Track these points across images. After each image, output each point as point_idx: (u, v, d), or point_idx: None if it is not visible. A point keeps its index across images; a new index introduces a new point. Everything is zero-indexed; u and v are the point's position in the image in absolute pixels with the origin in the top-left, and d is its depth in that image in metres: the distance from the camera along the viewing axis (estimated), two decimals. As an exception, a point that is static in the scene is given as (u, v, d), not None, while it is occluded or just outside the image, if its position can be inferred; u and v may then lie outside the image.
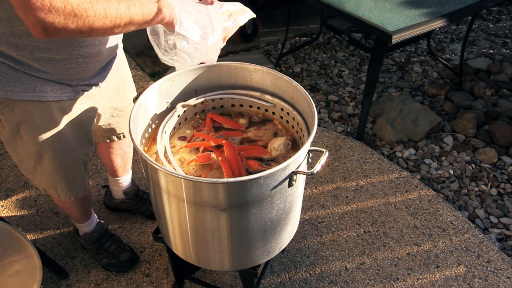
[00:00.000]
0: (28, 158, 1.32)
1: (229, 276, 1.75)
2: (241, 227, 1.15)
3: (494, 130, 2.44)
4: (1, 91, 1.14)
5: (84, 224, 1.70)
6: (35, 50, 1.09)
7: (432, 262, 1.82)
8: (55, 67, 1.16)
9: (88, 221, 1.70)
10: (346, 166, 2.27)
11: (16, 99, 1.16)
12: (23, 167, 1.37)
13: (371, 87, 2.25)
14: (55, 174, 1.37)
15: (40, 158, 1.31)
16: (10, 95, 1.15)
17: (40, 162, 1.32)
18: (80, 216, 1.66)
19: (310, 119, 1.19)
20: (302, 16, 3.74)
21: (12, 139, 1.27)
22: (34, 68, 1.14)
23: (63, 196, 1.45)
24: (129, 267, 1.74)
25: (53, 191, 1.44)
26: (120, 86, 1.48)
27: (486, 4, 2.25)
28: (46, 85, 1.18)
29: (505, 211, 2.10)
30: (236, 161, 1.24)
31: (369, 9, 2.09)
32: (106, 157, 1.72)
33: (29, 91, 1.16)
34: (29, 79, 1.15)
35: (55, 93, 1.21)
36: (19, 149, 1.30)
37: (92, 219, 1.72)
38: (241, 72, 1.39)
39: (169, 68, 1.28)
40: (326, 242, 1.89)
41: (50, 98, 1.20)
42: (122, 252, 1.75)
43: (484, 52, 3.32)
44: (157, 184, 1.12)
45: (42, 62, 1.13)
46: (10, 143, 1.29)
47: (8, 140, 1.28)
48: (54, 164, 1.34)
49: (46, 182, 1.41)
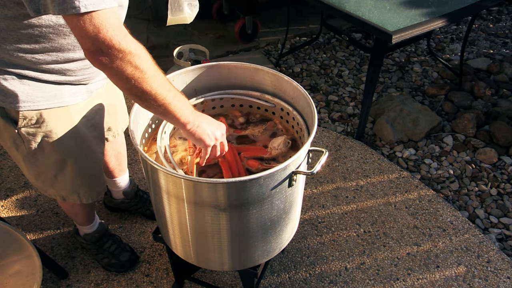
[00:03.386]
0: (48, 169, 1.29)
1: (229, 276, 1.75)
2: (241, 227, 1.15)
3: (494, 130, 2.44)
4: (24, 103, 1.11)
5: (87, 227, 1.70)
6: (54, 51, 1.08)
7: (432, 262, 1.82)
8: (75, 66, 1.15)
9: (91, 223, 1.70)
10: (346, 166, 2.27)
11: (40, 109, 1.14)
12: (40, 179, 1.33)
13: (371, 87, 2.25)
14: (79, 179, 1.36)
15: (63, 165, 1.29)
16: (33, 105, 1.13)
17: (62, 170, 1.30)
18: (86, 220, 1.66)
19: (310, 119, 1.19)
20: (302, 16, 3.74)
21: (33, 153, 1.23)
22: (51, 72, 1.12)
23: (86, 198, 1.43)
24: (129, 267, 1.74)
25: (75, 196, 1.41)
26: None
27: (486, 4, 2.25)
28: (63, 90, 1.17)
29: (505, 211, 2.10)
30: (235, 162, 1.24)
31: (369, 9, 2.09)
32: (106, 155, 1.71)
33: (50, 98, 1.15)
34: (47, 87, 1.14)
35: (72, 96, 1.20)
36: (39, 162, 1.26)
37: (95, 222, 1.72)
38: (241, 72, 1.39)
39: (169, 68, 1.29)
40: (326, 242, 1.89)
41: (70, 102, 1.20)
42: (122, 252, 1.75)
43: (484, 52, 3.31)
44: (157, 184, 1.12)
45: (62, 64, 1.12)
46: (29, 158, 1.25)
47: (28, 155, 1.24)
48: (78, 169, 1.32)
49: (67, 189, 1.38)
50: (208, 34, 3.50)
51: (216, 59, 3.08)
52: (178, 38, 3.41)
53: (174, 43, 3.31)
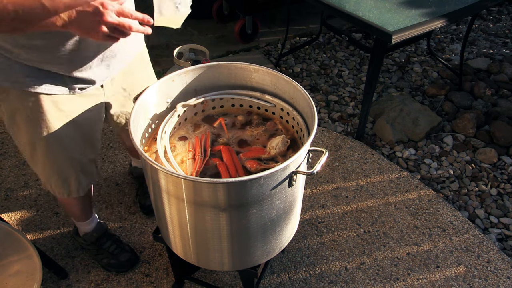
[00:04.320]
0: (25, 147, 1.34)
1: (229, 276, 1.75)
2: (241, 227, 1.15)
3: (494, 130, 2.44)
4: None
5: (84, 223, 1.70)
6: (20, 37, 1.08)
7: (432, 262, 1.82)
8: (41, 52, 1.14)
9: (88, 220, 1.70)
10: (346, 166, 2.27)
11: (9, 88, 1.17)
12: (24, 155, 1.38)
13: (371, 87, 2.25)
14: (48, 169, 1.38)
15: (34, 149, 1.32)
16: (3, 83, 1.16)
17: (35, 153, 1.33)
18: (80, 215, 1.66)
19: (310, 119, 1.19)
20: (302, 16, 3.74)
21: (11, 125, 1.29)
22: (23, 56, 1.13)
23: (57, 192, 1.46)
24: (129, 267, 1.74)
25: (48, 185, 1.44)
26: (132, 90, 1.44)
27: (486, 4, 2.25)
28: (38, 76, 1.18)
29: (505, 211, 2.10)
30: (233, 164, 1.24)
31: (369, 9, 2.09)
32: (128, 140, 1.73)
33: (20, 80, 1.17)
34: (20, 69, 1.15)
35: (46, 85, 1.21)
36: (16, 136, 1.32)
37: (92, 218, 1.72)
38: (241, 72, 1.39)
39: (169, 68, 1.29)
40: (326, 242, 1.89)
41: (41, 90, 1.20)
42: (122, 253, 1.75)
43: (484, 52, 3.31)
44: (157, 184, 1.12)
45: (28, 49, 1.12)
46: (9, 129, 1.31)
47: (8, 126, 1.31)
48: (46, 158, 1.34)
49: (42, 175, 1.42)
50: (208, 34, 3.50)
51: (216, 59, 3.08)
52: (178, 38, 3.41)
53: (174, 43, 3.31)
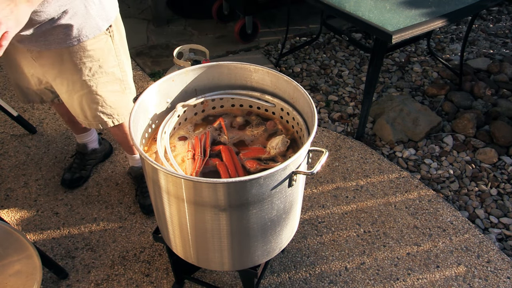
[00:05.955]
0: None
1: (229, 276, 1.75)
2: (241, 227, 1.15)
3: (494, 130, 2.44)
4: None
5: (79, 136, 2.07)
6: None
7: (432, 262, 1.82)
8: None
9: (82, 134, 2.05)
10: (346, 166, 2.27)
11: None
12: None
13: (371, 87, 2.25)
14: None
15: None
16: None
17: None
18: (72, 128, 2.04)
19: (310, 119, 1.19)
20: (302, 16, 3.74)
21: None
22: None
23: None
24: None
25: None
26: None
27: (486, 4, 2.24)
28: None
29: (505, 211, 2.10)
30: (233, 164, 1.24)
31: (369, 9, 2.09)
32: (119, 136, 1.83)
33: None
34: None
35: None
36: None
37: (89, 133, 2.09)
38: (241, 72, 1.39)
39: (169, 68, 1.28)
40: (326, 242, 1.89)
41: None
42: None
43: (484, 52, 3.31)
44: (157, 184, 1.12)
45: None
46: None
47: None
48: None
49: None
50: (208, 34, 3.50)
51: (216, 59, 3.08)
52: (178, 38, 3.41)
53: (174, 43, 3.32)
